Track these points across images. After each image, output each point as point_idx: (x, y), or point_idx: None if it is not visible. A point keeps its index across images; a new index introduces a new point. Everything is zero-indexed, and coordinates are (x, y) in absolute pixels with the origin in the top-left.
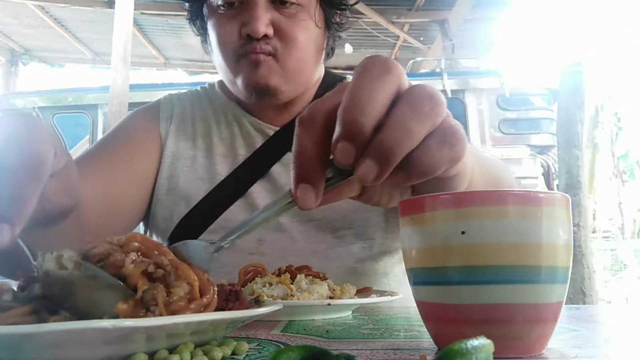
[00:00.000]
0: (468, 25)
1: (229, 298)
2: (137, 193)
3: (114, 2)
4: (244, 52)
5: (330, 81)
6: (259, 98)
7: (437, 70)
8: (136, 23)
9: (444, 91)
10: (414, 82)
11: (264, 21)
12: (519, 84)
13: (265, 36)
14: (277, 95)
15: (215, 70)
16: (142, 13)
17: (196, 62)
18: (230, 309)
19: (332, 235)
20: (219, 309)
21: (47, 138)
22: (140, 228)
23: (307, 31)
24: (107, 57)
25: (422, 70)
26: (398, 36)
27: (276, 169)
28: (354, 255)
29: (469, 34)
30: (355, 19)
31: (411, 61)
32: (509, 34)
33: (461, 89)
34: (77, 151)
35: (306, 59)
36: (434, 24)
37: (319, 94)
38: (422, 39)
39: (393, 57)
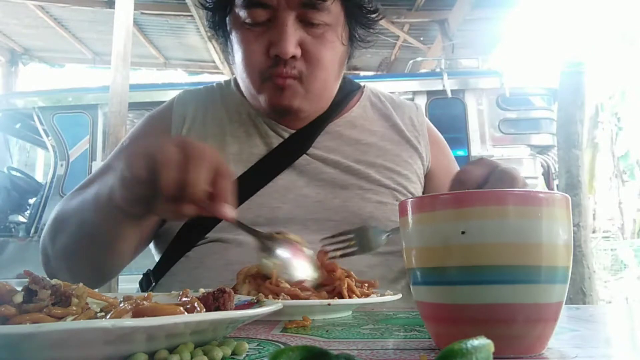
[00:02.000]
0: (468, 25)
1: (216, 296)
2: None
3: (114, 2)
4: (269, 74)
5: (349, 88)
6: (281, 117)
7: (437, 70)
8: (136, 23)
9: (443, 91)
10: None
11: (293, 42)
12: (519, 84)
13: (293, 57)
14: (299, 115)
15: (215, 71)
16: (142, 13)
17: (196, 62)
18: (223, 304)
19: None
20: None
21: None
22: None
23: (333, 51)
24: (107, 57)
25: (422, 70)
26: (398, 36)
27: (289, 171)
28: (364, 260)
29: (469, 34)
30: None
31: (411, 61)
32: (509, 34)
33: (461, 89)
34: (77, 151)
35: (330, 79)
36: (434, 24)
37: (337, 101)
38: (422, 39)
39: (393, 57)
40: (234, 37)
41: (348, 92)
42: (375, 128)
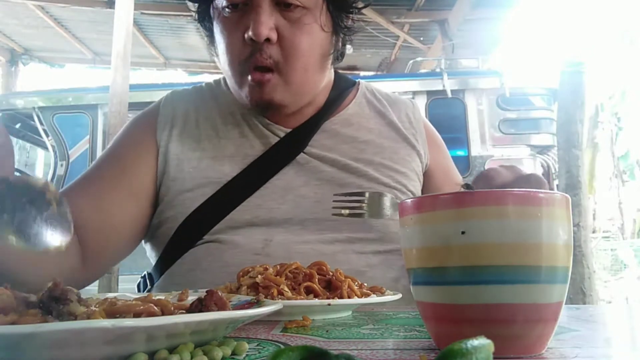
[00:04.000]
0: (468, 25)
1: (204, 302)
2: (135, 207)
3: (114, 2)
4: (247, 67)
5: (344, 85)
6: (264, 111)
7: (437, 70)
8: (136, 23)
9: (444, 91)
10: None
11: (267, 25)
12: (519, 84)
13: (268, 40)
14: (281, 109)
15: (215, 71)
16: (142, 13)
17: (196, 62)
18: (207, 306)
19: (346, 237)
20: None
21: None
22: None
23: (311, 36)
24: (107, 57)
25: (422, 70)
26: (398, 36)
27: (286, 171)
28: (363, 259)
29: (469, 34)
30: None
31: (411, 61)
32: (509, 34)
33: (461, 89)
34: (77, 151)
35: (309, 66)
36: (434, 24)
37: (332, 97)
38: (422, 39)
39: (393, 57)
40: (216, 27)
41: (343, 89)
42: (371, 125)
